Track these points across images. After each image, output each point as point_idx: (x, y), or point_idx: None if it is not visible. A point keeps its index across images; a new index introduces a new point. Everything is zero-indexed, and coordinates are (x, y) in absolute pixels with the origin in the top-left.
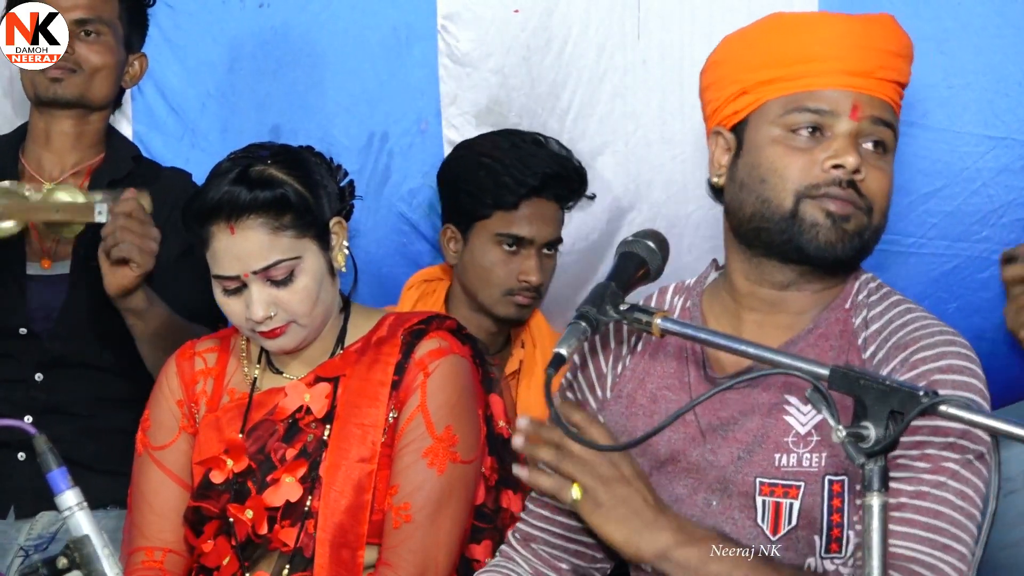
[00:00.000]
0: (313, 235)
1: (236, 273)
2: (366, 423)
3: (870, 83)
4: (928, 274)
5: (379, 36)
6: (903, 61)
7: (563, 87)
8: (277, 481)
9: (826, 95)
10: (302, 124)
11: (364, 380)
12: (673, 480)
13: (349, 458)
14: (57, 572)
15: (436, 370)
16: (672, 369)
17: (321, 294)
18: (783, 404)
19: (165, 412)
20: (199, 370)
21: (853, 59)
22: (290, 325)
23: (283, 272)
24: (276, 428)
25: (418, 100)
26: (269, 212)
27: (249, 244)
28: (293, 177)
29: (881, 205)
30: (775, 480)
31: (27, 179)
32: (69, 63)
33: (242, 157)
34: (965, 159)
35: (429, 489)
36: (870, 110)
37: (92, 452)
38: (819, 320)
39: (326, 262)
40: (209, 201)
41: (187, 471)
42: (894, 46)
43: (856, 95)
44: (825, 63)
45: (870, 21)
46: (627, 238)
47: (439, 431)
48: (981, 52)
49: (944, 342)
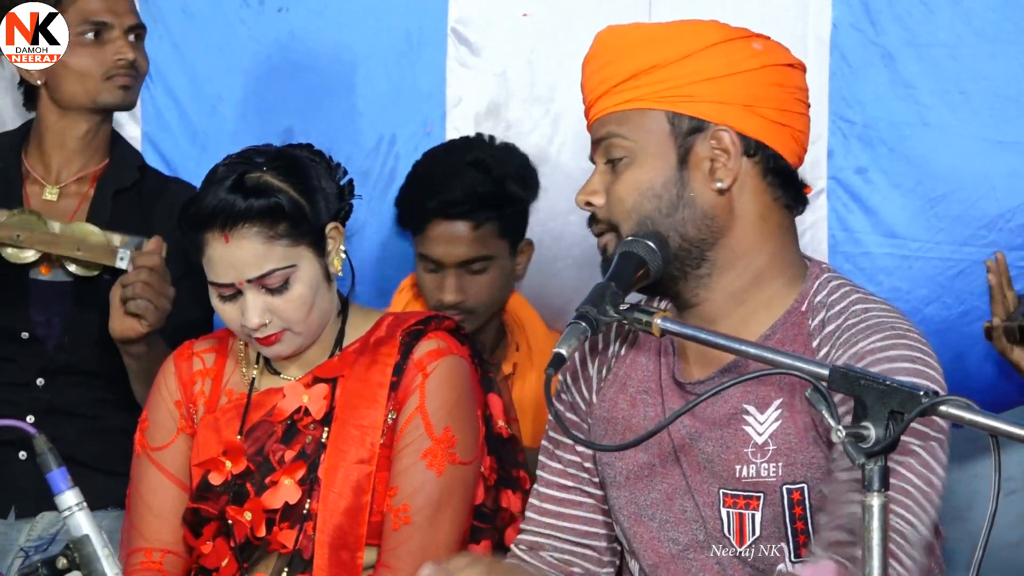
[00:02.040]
0: (308, 243)
1: (231, 281)
2: (364, 424)
3: (595, 109)
4: (934, 278)
5: (391, 40)
6: (614, 64)
7: (561, 90)
8: (276, 483)
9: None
10: (313, 127)
11: (362, 381)
12: (650, 486)
13: (348, 459)
14: (57, 572)
15: (435, 371)
16: (649, 372)
17: (317, 301)
18: (742, 413)
19: (163, 413)
20: (197, 371)
21: (584, 95)
22: (285, 333)
23: (278, 280)
24: (274, 429)
25: (426, 103)
26: (264, 221)
27: (244, 253)
28: (289, 184)
29: (623, 213)
30: (736, 491)
31: (31, 181)
32: (133, 70)
33: (238, 162)
34: (974, 163)
35: (428, 491)
36: (595, 134)
37: (94, 452)
38: (776, 325)
39: (322, 268)
40: (204, 209)
41: (185, 472)
42: (599, 60)
43: (591, 128)
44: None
45: (588, 50)
46: (627, 238)
47: (438, 432)
48: (992, 57)
49: (895, 335)
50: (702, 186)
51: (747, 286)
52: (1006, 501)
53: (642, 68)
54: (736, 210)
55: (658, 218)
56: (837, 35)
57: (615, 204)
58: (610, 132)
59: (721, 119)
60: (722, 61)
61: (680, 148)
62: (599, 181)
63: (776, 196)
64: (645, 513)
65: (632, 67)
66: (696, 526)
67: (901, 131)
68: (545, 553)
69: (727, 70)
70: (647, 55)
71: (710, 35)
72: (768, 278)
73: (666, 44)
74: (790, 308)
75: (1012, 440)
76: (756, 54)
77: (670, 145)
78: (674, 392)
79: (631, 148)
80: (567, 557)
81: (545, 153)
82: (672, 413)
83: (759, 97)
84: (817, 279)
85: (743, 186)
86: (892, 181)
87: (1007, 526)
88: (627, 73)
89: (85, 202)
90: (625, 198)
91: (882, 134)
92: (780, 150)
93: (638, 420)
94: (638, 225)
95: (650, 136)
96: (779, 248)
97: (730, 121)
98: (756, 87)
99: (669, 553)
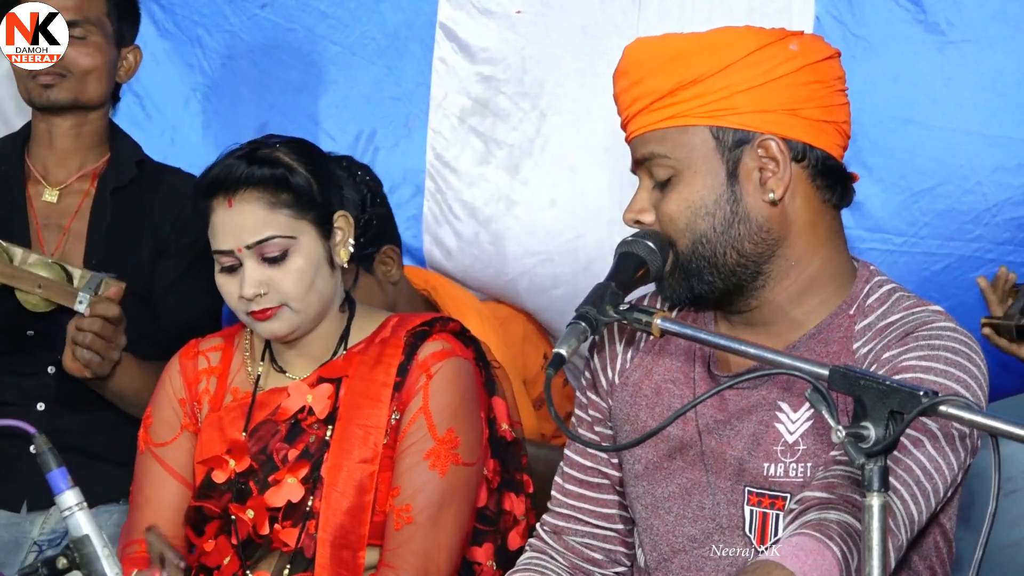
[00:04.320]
0: (312, 220)
1: (231, 247)
2: (368, 424)
3: (633, 126)
4: (920, 273)
5: (379, 36)
6: (649, 80)
7: (550, 86)
8: (279, 482)
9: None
10: (291, 121)
11: (367, 381)
12: (668, 479)
13: (351, 459)
14: (57, 572)
15: (439, 372)
16: (679, 363)
17: (317, 281)
18: (775, 411)
19: (167, 410)
20: (202, 369)
21: (618, 109)
22: (282, 308)
23: (277, 249)
24: (279, 428)
25: (409, 99)
26: (267, 188)
27: (245, 217)
28: (299, 163)
29: (677, 232)
30: (763, 490)
31: (33, 182)
32: (58, 68)
33: (255, 141)
34: (960, 157)
35: (431, 491)
36: (636, 152)
37: (105, 443)
38: (822, 325)
39: (324, 251)
40: (210, 175)
41: (188, 469)
42: (632, 75)
43: (631, 144)
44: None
45: (619, 63)
46: (627, 238)
47: (441, 433)
48: (977, 50)
49: (938, 341)
50: (754, 199)
51: (799, 292)
52: (1006, 501)
53: (680, 83)
54: (789, 218)
55: (713, 236)
56: (820, 28)
57: (668, 223)
58: (653, 152)
59: (765, 127)
60: (761, 68)
61: (728, 162)
62: (646, 199)
63: (826, 198)
64: (662, 506)
65: (669, 83)
66: (712, 522)
67: (885, 125)
68: (568, 537)
69: (766, 77)
70: (684, 70)
71: (746, 43)
72: (820, 284)
73: (702, 57)
74: (836, 310)
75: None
76: (793, 56)
77: (717, 160)
78: (706, 383)
79: (676, 167)
80: (587, 540)
81: (530, 147)
82: (688, 402)
83: (800, 99)
84: (868, 282)
85: (794, 193)
86: (875, 175)
87: (1007, 526)
88: (664, 89)
89: (87, 200)
90: (677, 217)
91: (865, 128)
92: (826, 147)
93: (661, 409)
94: (694, 244)
95: (695, 153)
96: (831, 252)
97: (774, 128)
98: (797, 89)
99: (681, 547)
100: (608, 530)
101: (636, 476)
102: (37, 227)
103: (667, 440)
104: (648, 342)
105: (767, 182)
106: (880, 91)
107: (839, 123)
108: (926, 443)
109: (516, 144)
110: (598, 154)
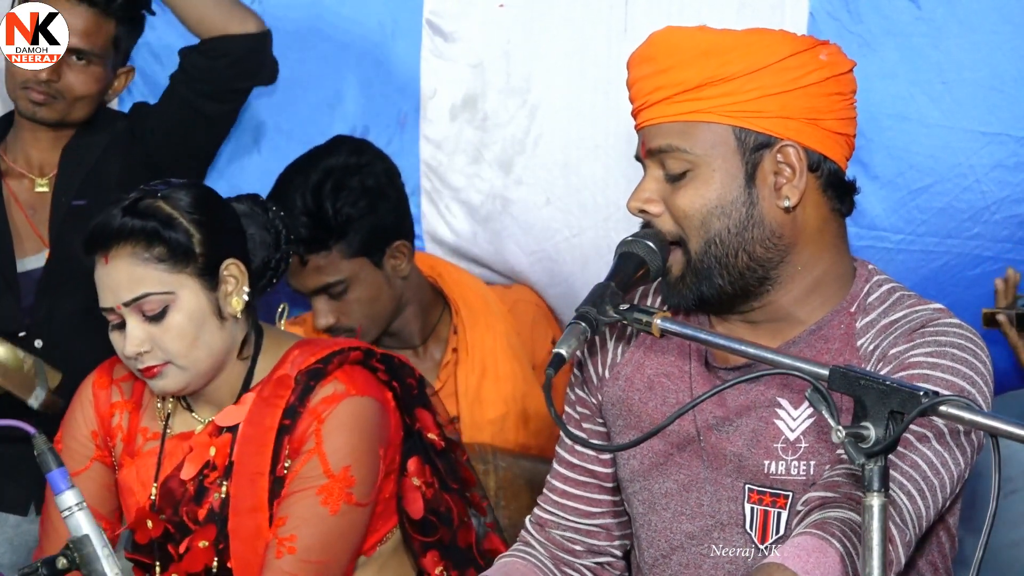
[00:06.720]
0: (192, 272)
1: (110, 305)
2: (254, 471)
3: (650, 114)
4: (917, 271)
5: (366, 31)
6: (677, 70)
7: (537, 82)
8: (193, 547)
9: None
10: (285, 120)
11: (256, 426)
12: (666, 475)
13: (244, 509)
14: (57, 572)
15: (329, 417)
16: (673, 358)
17: (203, 336)
18: (775, 407)
19: (78, 440)
20: (116, 402)
21: (633, 94)
22: (167, 365)
23: (155, 307)
24: (187, 488)
25: (400, 95)
26: (139, 242)
27: (119, 274)
28: (182, 213)
29: (691, 230)
30: (763, 488)
31: (12, 176)
32: (52, 90)
33: (144, 188)
34: (958, 155)
35: (318, 527)
36: (651, 142)
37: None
38: (822, 322)
39: (210, 303)
40: (89, 228)
41: (99, 497)
42: (658, 63)
43: (642, 132)
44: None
45: (641, 48)
46: (626, 238)
47: (336, 471)
48: (976, 47)
49: (942, 339)
50: (768, 204)
51: (802, 296)
52: (1006, 501)
53: (710, 79)
54: (799, 226)
55: (727, 237)
56: (814, 24)
57: (681, 219)
58: (671, 145)
59: (786, 134)
60: (791, 75)
61: (747, 164)
62: (655, 189)
63: (833, 207)
64: (659, 502)
65: (699, 77)
66: (711, 519)
67: (880, 122)
68: (551, 530)
69: (795, 84)
70: (717, 66)
71: (781, 48)
72: (822, 286)
73: (737, 55)
74: (836, 308)
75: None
76: (822, 66)
77: (737, 161)
78: (704, 377)
79: (694, 162)
80: (570, 535)
81: (522, 144)
82: (689, 401)
83: (821, 110)
84: (867, 281)
85: (806, 201)
86: (871, 173)
87: (1007, 526)
88: (692, 82)
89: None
90: (692, 214)
91: (861, 125)
92: (837, 160)
93: (655, 404)
94: (707, 244)
95: (715, 151)
96: (835, 256)
97: (796, 136)
98: (820, 99)
99: (679, 544)
100: (592, 526)
101: (633, 472)
102: (28, 220)
103: (665, 436)
104: (639, 337)
105: (782, 188)
106: (876, 88)
107: (849, 136)
108: (932, 439)
109: (507, 141)
110: (589, 151)
